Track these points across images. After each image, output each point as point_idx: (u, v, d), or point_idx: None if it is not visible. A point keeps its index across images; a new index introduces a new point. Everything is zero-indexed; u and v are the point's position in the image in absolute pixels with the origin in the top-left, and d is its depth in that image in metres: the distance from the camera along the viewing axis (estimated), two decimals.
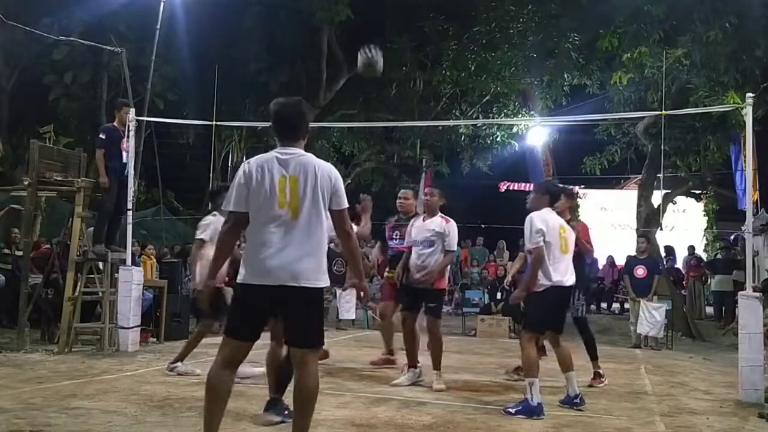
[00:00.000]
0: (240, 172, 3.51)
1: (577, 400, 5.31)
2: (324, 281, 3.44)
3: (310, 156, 3.55)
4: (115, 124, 8.01)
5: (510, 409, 5.03)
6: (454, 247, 6.13)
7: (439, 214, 6.12)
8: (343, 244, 3.63)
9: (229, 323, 3.49)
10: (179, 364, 6.23)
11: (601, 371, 6.57)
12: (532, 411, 4.95)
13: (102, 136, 7.84)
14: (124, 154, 7.87)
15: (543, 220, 5.21)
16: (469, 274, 15.30)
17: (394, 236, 6.78)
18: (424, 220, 6.16)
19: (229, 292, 5.13)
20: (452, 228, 6.03)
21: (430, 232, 6.00)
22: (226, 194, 3.62)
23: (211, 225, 5.99)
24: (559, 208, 5.66)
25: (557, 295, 5.23)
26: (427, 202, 6.24)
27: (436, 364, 6.04)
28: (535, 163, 19.21)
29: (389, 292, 6.86)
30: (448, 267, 6.45)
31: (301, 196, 3.40)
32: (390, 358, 7.18)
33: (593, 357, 6.66)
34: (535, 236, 5.14)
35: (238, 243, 4.23)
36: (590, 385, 6.32)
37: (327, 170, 3.50)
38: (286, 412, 4.36)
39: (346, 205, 3.52)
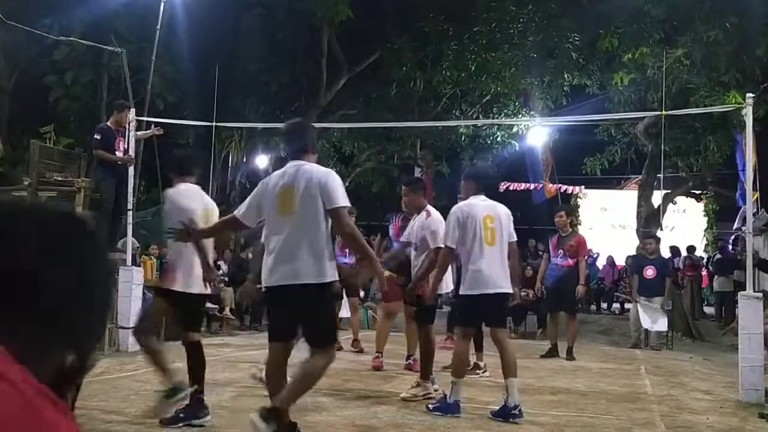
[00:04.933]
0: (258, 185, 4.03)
1: (516, 411, 4.86)
2: (329, 276, 3.70)
3: (309, 165, 3.86)
4: (109, 124, 7.98)
5: (429, 406, 5.07)
6: (440, 243, 5.32)
7: (425, 209, 5.77)
8: (348, 244, 4.11)
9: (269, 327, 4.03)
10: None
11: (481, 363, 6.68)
12: (447, 408, 4.93)
13: (97, 136, 7.81)
14: (119, 154, 7.83)
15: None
16: None
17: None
18: (413, 220, 5.90)
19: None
20: (432, 221, 5.61)
21: (418, 231, 5.70)
22: None
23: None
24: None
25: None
26: (404, 203, 6.05)
27: (424, 372, 5.61)
28: (535, 163, 19.20)
29: (395, 292, 6.46)
30: (448, 266, 5.61)
31: (297, 203, 3.71)
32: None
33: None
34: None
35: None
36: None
37: (319, 174, 3.78)
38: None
39: (341, 203, 3.73)
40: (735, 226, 12.99)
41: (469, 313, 5.15)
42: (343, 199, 3.75)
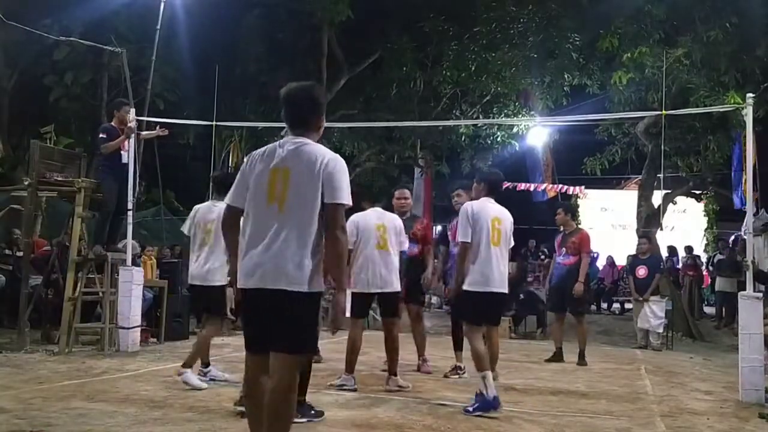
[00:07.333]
0: (243, 164, 3.30)
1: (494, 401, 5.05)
2: (317, 285, 3.08)
3: (312, 145, 3.17)
4: (113, 123, 8.02)
5: (469, 408, 4.99)
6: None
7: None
8: (329, 245, 3.09)
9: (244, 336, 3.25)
10: (211, 368, 6.07)
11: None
12: (488, 406, 4.90)
13: (103, 135, 7.83)
14: (123, 154, 7.86)
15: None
16: None
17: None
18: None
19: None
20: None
21: None
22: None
23: None
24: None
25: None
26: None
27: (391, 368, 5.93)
28: (535, 164, 19.21)
29: None
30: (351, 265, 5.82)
31: (291, 190, 3.06)
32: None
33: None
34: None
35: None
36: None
37: (324, 158, 3.10)
38: (313, 412, 4.59)
39: (343, 200, 3.08)
40: (743, 228, 13.00)
41: (476, 309, 5.28)
42: (347, 196, 3.11)
